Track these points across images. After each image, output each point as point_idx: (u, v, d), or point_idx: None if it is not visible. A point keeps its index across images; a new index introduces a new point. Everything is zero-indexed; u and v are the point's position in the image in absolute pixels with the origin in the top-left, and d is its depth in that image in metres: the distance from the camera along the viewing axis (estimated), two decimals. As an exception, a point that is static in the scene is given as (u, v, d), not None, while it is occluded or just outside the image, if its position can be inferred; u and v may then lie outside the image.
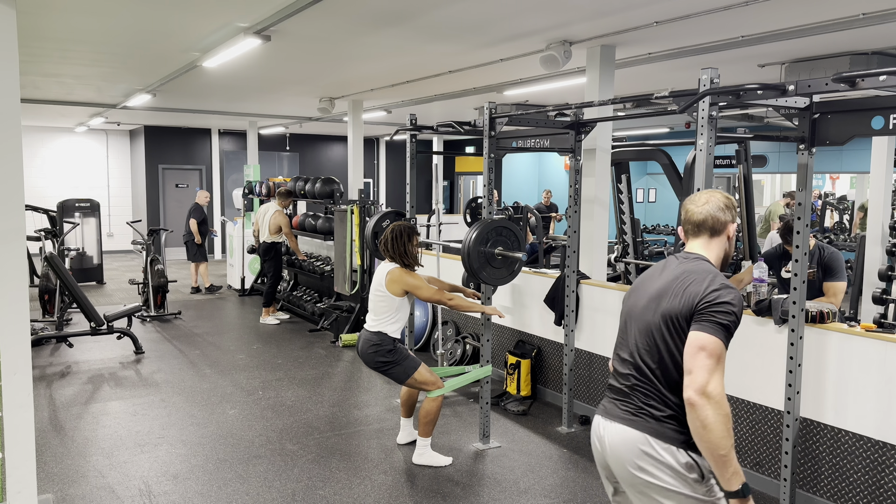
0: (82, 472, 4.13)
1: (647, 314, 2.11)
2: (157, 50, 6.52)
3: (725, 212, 2.17)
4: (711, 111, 2.98)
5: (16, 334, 2.99)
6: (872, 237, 7.13)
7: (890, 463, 3.38)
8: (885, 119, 2.94)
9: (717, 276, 2.07)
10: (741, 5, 4.52)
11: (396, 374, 4.14)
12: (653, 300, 2.12)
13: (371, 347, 4.11)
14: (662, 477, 2.00)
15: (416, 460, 4.28)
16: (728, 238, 2.20)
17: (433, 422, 4.22)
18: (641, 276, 2.29)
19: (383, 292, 4.12)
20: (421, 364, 4.18)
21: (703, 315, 1.99)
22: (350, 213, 7.49)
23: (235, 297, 10.24)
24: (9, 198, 2.95)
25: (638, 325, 2.14)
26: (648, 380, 2.07)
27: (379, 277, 4.16)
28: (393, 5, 4.79)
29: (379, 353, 4.10)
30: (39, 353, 6.79)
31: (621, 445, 2.06)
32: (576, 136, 4.79)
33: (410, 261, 4.19)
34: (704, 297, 2.00)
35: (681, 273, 2.11)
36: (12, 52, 2.94)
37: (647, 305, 2.13)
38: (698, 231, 2.18)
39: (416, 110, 10.01)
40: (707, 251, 2.18)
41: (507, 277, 4.30)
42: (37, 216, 10.92)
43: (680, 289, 2.05)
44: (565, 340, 4.96)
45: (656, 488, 2.01)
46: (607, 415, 2.15)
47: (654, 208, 15.41)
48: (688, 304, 2.02)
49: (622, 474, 2.08)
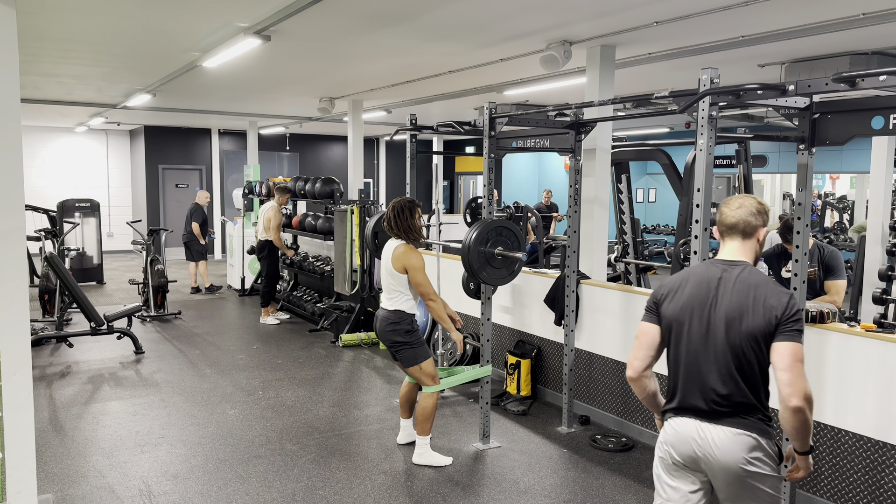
0: (82, 472, 4.13)
1: (733, 336, 2.26)
2: (158, 50, 6.52)
3: (757, 217, 2.34)
4: (711, 111, 2.98)
5: (16, 334, 2.99)
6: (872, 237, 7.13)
7: (890, 463, 3.38)
8: (885, 119, 2.94)
9: (778, 285, 2.28)
10: (741, 5, 4.52)
11: (406, 356, 4.14)
12: (733, 321, 2.26)
13: (389, 325, 4.13)
14: (767, 466, 2.26)
15: (415, 460, 4.29)
16: (758, 241, 2.37)
17: (430, 419, 4.23)
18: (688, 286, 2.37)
19: (391, 270, 4.14)
20: (431, 356, 4.22)
21: (788, 326, 2.20)
22: (350, 213, 7.49)
23: (235, 297, 10.24)
24: (9, 198, 2.95)
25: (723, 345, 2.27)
26: (743, 392, 2.26)
27: (386, 256, 4.19)
28: (393, 5, 4.79)
29: (397, 332, 4.12)
30: (39, 353, 6.79)
31: (734, 446, 2.25)
32: (576, 136, 4.79)
33: (416, 234, 4.18)
34: (785, 310, 2.20)
35: (746, 288, 2.27)
36: (12, 52, 2.94)
37: (730, 326, 2.26)
38: (732, 233, 2.36)
39: (416, 110, 10.01)
40: (743, 254, 2.36)
41: (506, 277, 4.30)
42: (37, 216, 10.91)
43: (758, 306, 2.22)
44: (565, 340, 4.96)
45: (760, 476, 2.25)
46: (709, 419, 2.30)
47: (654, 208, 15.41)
48: (769, 319, 2.20)
49: (728, 469, 2.25)
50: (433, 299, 4.14)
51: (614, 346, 4.90)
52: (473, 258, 4.12)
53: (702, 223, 3.01)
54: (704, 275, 2.36)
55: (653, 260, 10.73)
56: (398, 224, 4.16)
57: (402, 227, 4.16)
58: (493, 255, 4.19)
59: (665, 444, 2.41)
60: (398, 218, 4.16)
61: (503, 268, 4.26)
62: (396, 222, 4.16)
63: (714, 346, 2.29)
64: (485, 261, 4.17)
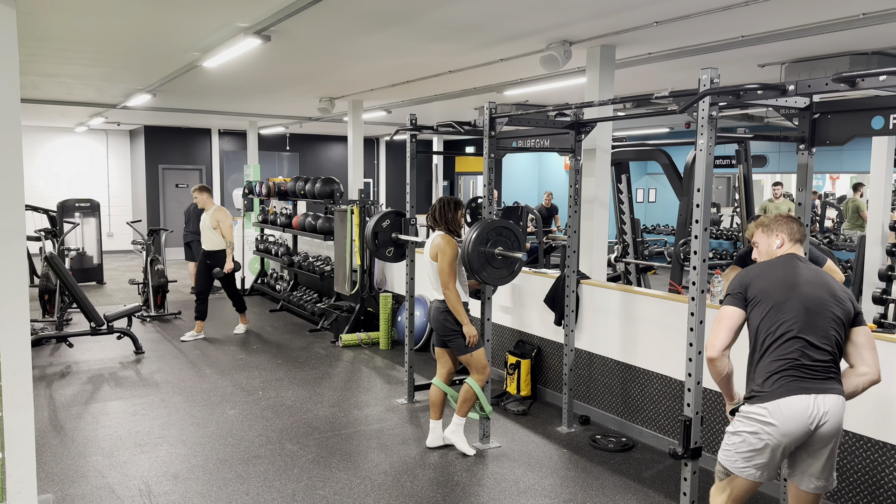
0: (82, 472, 4.13)
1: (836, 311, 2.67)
2: (158, 50, 6.52)
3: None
4: (711, 111, 2.97)
5: (16, 334, 2.99)
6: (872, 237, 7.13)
7: (889, 463, 3.38)
8: (885, 119, 2.94)
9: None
10: (741, 5, 4.52)
11: (459, 344, 4.31)
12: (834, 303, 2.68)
13: (443, 314, 4.30)
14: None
15: (447, 434, 4.48)
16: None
17: (471, 401, 4.41)
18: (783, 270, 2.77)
19: (429, 260, 4.37)
20: (483, 347, 4.38)
21: (860, 314, 2.74)
22: (350, 213, 7.49)
23: (235, 297, 10.23)
24: (9, 198, 2.95)
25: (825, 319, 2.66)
26: (836, 360, 2.67)
27: (426, 249, 4.42)
28: (393, 5, 4.79)
29: (450, 321, 4.28)
30: (39, 353, 6.79)
31: (838, 410, 2.63)
32: (576, 136, 4.79)
33: (455, 227, 4.46)
34: (854, 301, 2.73)
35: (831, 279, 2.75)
36: (12, 52, 2.94)
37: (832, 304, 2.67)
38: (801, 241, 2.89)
39: (416, 110, 10.00)
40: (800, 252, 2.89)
41: (507, 277, 4.30)
42: (37, 216, 10.91)
43: (843, 296, 2.70)
44: (565, 340, 4.96)
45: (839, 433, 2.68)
46: (818, 391, 2.61)
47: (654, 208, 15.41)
48: (850, 306, 2.70)
49: (830, 433, 2.61)
50: (450, 288, 4.26)
51: (614, 346, 4.90)
52: (473, 258, 4.12)
53: (702, 223, 3.00)
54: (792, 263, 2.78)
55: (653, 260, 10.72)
56: (442, 215, 4.44)
57: (444, 218, 4.44)
58: (493, 255, 4.19)
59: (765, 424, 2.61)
60: (443, 210, 4.44)
61: (503, 268, 4.26)
62: (441, 213, 4.44)
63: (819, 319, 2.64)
64: (485, 261, 4.17)
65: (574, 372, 5.09)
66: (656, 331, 4.57)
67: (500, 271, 4.26)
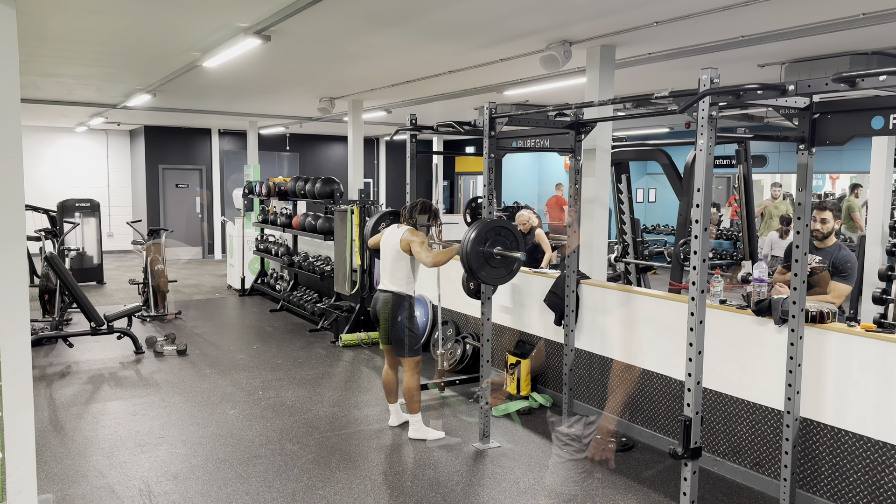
0: (82, 472, 4.13)
1: None
2: (158, 50, 6.52)
3: None
4: (711, 111, 2.97)
5: (16, 334, 2.99)
6: (872, 237, 7.12)
7: (890, 463, 3.38)
8: (885, 119, 2.94)
9: None
10: (741, 5, 4.52)
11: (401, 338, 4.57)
12: None
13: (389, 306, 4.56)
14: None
15: (411, 435, 4.69)
16: None
17: (416, 397, 4.66)
18: None
19: (398, 251, 4.57)
20: (420, 356, 4.69)
21: None
22: (350, 213, 7.49)
23: (235, 297, 10.25)
24: (9, 198, 2.95)
25: None
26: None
27: (393, 238, 4.61)
28: (393, 5, 4.79)
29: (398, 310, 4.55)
30: (39, 353, 6.79)
31: None
32: (576, 136, 4.79)
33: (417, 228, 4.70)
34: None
35: None
36: (12, 52, 2.94)
37: None
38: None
39: (416, 110, 10.00)
40: None
41: (505, 277, 4.30)
42: (37, 216, 10.90)
43: None
44: (565, 340, 4.96)
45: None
46: None
47: (654, 208, 15.41)
48: None
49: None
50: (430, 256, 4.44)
51: (614, 346, 4.90)
52: (472, 258, 4.12)
53: (702, 223, 3.00)
54: None
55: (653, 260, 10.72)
56: (411, 213, 4.71)
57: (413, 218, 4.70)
58: (491, 254, 4.19)
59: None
60: (415, 208, 4.72)
61: (502, 267, 4.26)
62: (411, 211, 4.71)
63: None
64: (483, 260, 4.17)
65: (574, 372, 5.08)
66: (656, 330, 4.57)
67: (499, 271, 4.26)
